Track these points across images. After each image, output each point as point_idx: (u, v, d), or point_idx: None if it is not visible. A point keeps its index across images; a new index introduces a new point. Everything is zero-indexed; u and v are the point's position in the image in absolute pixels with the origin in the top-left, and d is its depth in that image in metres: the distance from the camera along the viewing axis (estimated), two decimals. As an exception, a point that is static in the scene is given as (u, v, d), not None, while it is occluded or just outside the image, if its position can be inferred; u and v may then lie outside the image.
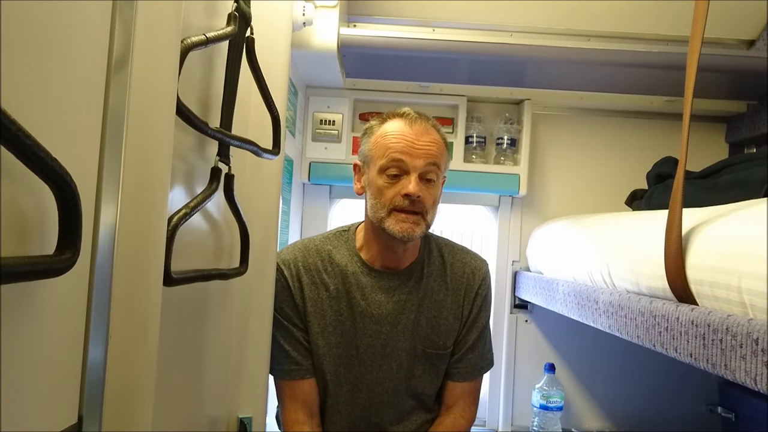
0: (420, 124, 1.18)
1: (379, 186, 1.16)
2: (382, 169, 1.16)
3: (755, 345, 0.72)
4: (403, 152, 1.14)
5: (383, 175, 1.16)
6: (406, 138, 1.15)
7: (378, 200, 1.17)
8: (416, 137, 1.16)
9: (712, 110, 1.96)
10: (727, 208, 0.96)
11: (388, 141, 1.16)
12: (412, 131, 1.16)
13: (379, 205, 1.16)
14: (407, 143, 1.15)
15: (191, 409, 0.82)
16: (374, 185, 1.18)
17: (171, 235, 0.63)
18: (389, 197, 1.15)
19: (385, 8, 1.81)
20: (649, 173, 1.72)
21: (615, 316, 1.13)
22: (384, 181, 1.16)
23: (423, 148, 1.15)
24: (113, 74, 0.50)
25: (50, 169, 0.37)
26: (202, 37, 0.67)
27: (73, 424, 0.48)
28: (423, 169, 1.15)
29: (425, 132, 1.17)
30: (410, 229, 1.14)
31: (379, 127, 1.20)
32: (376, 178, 1.17)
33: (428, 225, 1.19)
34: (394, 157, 1.15)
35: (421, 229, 1.16)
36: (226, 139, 0.77)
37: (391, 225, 1.15)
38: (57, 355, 0.46)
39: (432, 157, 1.16)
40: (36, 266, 0.38)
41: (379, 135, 1.19)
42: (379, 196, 1.16)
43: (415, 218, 1.15)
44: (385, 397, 1.25)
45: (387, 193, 1.15)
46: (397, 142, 1.15)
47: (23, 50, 0.38)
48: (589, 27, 1.82)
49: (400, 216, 1.15)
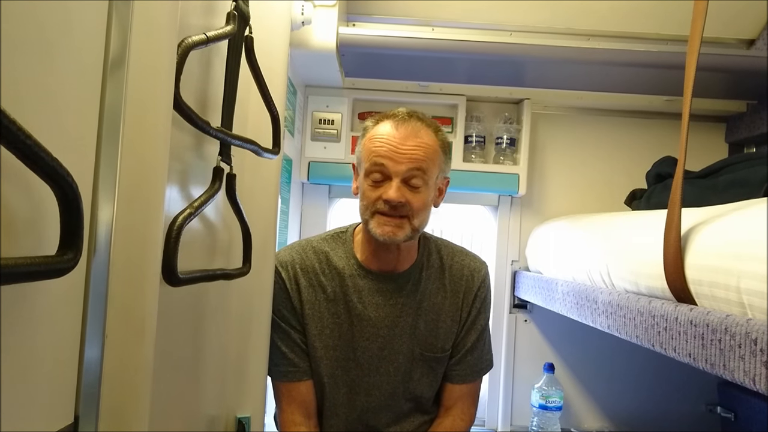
0: (408, 126, 1.15)
1: (364, 189, 1.16)
2: (366, 172, 1.15)
3: (754, 345, 0.72)
4: (385, 156, 1.13)
5: (368, 178, 1.15)
6: (390, 142, 1.13)
7: (363, 203, 1.17)
8: (401, 141, 1.13)
9: (711, 110, 1.96)
10: (727, 208, 0.96)
11: (374, 144, 1.15)
12: (398, 134, 1.14)
13: (363, 207, 1.17)
14: (390, 147, 1.13)
15: (189, 409, 0.81)
16: (361, 187, 1.18)
17: (177, 235, 0.63)
18: (372, 200, 1.15)
19: (385, 7, 1.81)
20: (648, 173, 1.72)
21: (614, 316, 1.13)
22: (368, 184, 1.15)
23: (407, 153, 1.12)
24: (110, 73, 0.50)
25: (51, 169, 0.37)
26: (202, 36, 0.67)
27: (69, 423, 0.48)
28: (405, 174, 1.12)
29: (413, 135, 1.14)
30: (392, 232, 1.13)
31: (371, 129, 1.19)
32: (363, 180, 1.17)
33: (415, 228, 1.16)
34: (376, 161, 1.13)
35: (404, 232, 1.14)
36: (228, 139, 0.77)
37: (374, 227, 1.15)
38: (53, 355, 0.46)
39: (416, 161, 1.12)
40: (38, 267, 0.37)
41: (368, 137, 1.18)
42: (364, 199, 1.16)
43: (397, 221, 1.14)
44: (382, 400, 1.24)
45: (370, 196, 1.15)
46: (380, 146, 1.14)
47: (18, 49, 0.38)
48: (588, 26, 1.82)
49: (382, 219, 1.14)
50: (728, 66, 1.65)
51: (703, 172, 1.46)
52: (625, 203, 1.80)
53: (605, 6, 1.78)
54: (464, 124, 1.95)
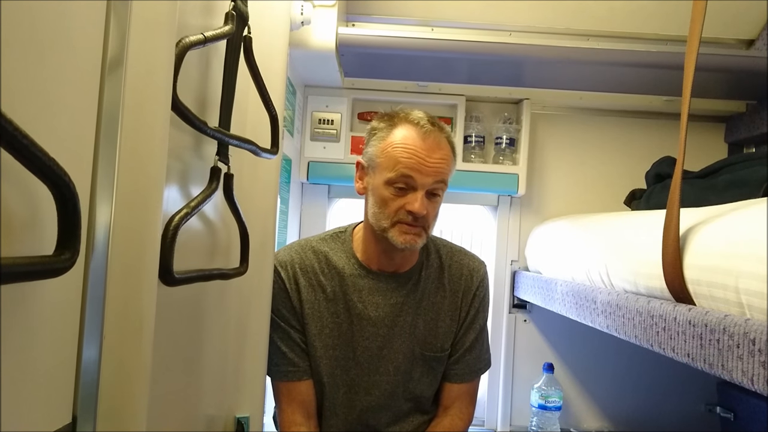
0: (433, 137, 1.14)
1: (384, 197, 1.15)
2: (389, 181, 1.14)
3: (752, 345, 0.72)
4: (413, 169, 1.12)
5: (390, 187, 1.14)
6: (417, 154, 1.12)
7: (382, 210, 1.15)
8: (428, 153, 1.12)
9: (711, 110, 1.96)
10: (726, 208, 0.96)
11: (399, 153, 1.13)
12: (425, 146, 1.13)
13: (382, 215, 1.15)
14: (418, 160, 1.12)
15: (188, 409, 0.81)
16: (378, 194, 1.16)
17: (173, 235, 0.63)
18: (393, 210, 1.14)
19: (384, 8, 1.81)
20: (648, 173, 1.72)
21: (613, 316, 1.13)
22: (390, 193, 1.14)
23: (434, 166, 1.13)
24: (108, 74, 0.50)
25: (48, 169, 0.37)
26: (200, 36, 0.67)
27: (66, 424, 0.48)
28: (431, 186, 1.13)
29: (438, 147, 1.14)
30: (413, 240, 1.15)
31: (389, 132, 1.16)
32: (382, 188, 1.15)
33: (429, 236, 1.20)
34: (404, 173, 1.12)
35: (423, 240, 1.17)
36: (226, 139, 0.77)
37: (395, 236, 1.14)
38: (51, 355, 0.46)
39: (441, 174, 1.14)
40: (36, 266, 0.37)
41: (389, 144, 1.15)
42: (384, 207, 1.15)
43: (417, 230, 1.15)
44: (381, 400, 1.25)
45: (392, 205, 1.14)
46: (408, 158, 1.12)
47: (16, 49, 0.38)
48: (588, 27, 1.82)
49: (404, 228, 1.14)
50: (728, 66, 1.65)
51: (702, 172, 1.46)
52: (625, 203, 1.80)
53: (605, 6, 1.78)
54: (464, 124, 1.95)
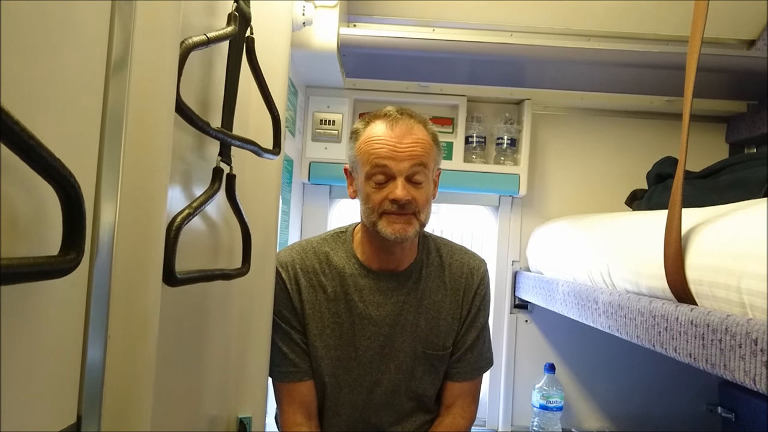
0: (402, 124, 1.15)
1: (368, 192, 1.16)
2: (368, 175, 1.15)
3: (754, 345, 0.72)
4: (386, 157, 1.13)
5: (370, 181, 1.15)
6: (388, 142, 1.14)
7: (368, 206, 1.17)
8: (398, 140, 1.14)
9: (712, 110, 1.96)
10: (727, 208, 0.96)
11: (371, 146, 1.15)
12: (394, 134, 1.14)
13: (369, 210, 1.16)
14: (390, 147, 1.13)
15: (191, 409, 0.82)
16: (363, 191, 1.17)
17: (175, 235, 0.63)
18: (377, 202, 1.15)
19: (385, 8, 1.81)
20: (649, 173, 1.72)
21: (614, 316, 1.13)
22: (371, 187, 1.15)
23: (406, 150, 1.13)
24: (112, 74, 0.50)
25: (53, 169, 0.37)
26: (203, 37, 0.67)
27: (71, 423, 0.48)
28: (409, 171, 1.13)
29: (408, 132, 1.15)
30: (402, 230, 1.14)
31: (363, 131, 1.19)
32: (364, 184, 1.17)
33: (422, 223, 1.18)
34: (378, 163, 1.13)
35: (414, 228, 1.16)
36: (228, 140, 0.77)
37: (383, 227, 1.15)
38: (56, 355, 0.46)
39: (417, 158, 1.14)
40: (41, 267, 0.38)
41: (363, 140, 1.17)
42: (368, 202, 1.16)
43: (406, 218, 1.15)
44: (384, 399, 1.25)
45: (375, 198, 1.15)
46: (380, 148, 1.14)
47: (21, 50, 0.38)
48: (588, 27, 1.82)
49: (391, 218, 1.14)
50: (729, 66, 1.65)
51: (703, 172, 1.46)
52: (626, 203, 1.80)
53: (605, 6, 1.78)
54: (465, 124, 1.95)
